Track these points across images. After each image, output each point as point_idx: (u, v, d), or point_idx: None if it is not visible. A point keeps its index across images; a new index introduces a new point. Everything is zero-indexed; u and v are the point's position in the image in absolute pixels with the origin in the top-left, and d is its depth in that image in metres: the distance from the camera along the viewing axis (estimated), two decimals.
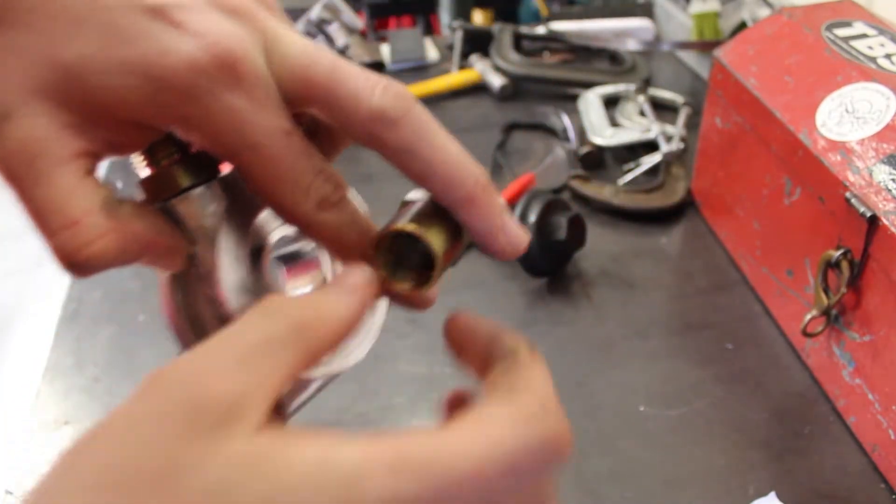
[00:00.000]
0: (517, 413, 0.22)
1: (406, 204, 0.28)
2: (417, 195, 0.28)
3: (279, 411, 0.23)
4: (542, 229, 0.73)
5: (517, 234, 0.28)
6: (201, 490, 0.18)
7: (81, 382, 0.68)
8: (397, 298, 0.28)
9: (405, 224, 0.26)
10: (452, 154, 0.26)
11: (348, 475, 0.19)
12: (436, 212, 0.27)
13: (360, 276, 0.25)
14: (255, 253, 0.29)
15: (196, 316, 0.27)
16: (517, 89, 1.08)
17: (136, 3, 0.23)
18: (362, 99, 0.24)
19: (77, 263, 0.24)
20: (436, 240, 0.26)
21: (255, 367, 0.21)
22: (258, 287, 0.28)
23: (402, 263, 0.27)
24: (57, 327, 0.74)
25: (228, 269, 0.27)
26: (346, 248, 0.27)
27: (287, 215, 0.26)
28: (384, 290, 0.26)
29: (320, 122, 0.27)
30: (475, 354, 0.26)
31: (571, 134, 0.96)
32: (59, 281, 0.75)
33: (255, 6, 0.25)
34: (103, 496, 0.18)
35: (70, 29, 0.22)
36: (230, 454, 0.19)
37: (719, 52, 0.74)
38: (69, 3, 0.22)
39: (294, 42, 0.25)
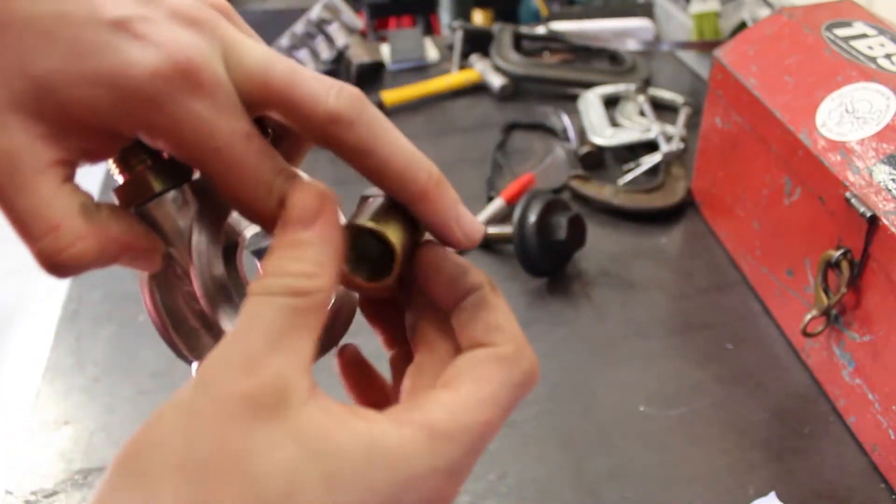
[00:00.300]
0: (502, 361, 0.26)
1: (365, 199, 0.29)
2: (375, 190, 0.29)
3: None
4: (542, 229, 0.73)
5: (472, 225, 0.29)
6: (271, 471, 0.21)
7: (81, 382, 0.68)
8: (360, 290, 0.29)
9: (364, 221, 0.27)
10: (406, 151, 0.27)
11: (396, 453, 0.23)
12: (393, 207, 0.28)
13: (313, 200, 0.26)
14: (230, 250, 0.31)
15: (176, 312, 0.29)
16: (517, 89, 1.08)
17: (99, 17, 0.24)
18: (319, 101, 0.26)
19: (58, 265, 0.25)
20: (394, 235, 0.27)
21: (288, 346, 0.23)
22: (235, 282, 0.30)
23: (364, 258, 0.28)
24: (57, 327, 0.74)
25: (204, 267, 0.28)
26: None
27: (251, 214, 0.27)
28: (346, 283, 0.28)
29: (285, 127, 0.28)
30: (441, 285, 0.28)
31: (571, 134, 0.96)
32: (59, 281, 0.75)
33: (215, 16, 0.26)
34: (186, 485, 0.20)
35: (38, 44, 0.23)
36: (289, 434, 0.22)
37: (719, 52, 0.74)
38: (36, 18, 0.23)
39: (252, 49, 0.26)
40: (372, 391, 0.33)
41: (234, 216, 0.31)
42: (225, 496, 0.20)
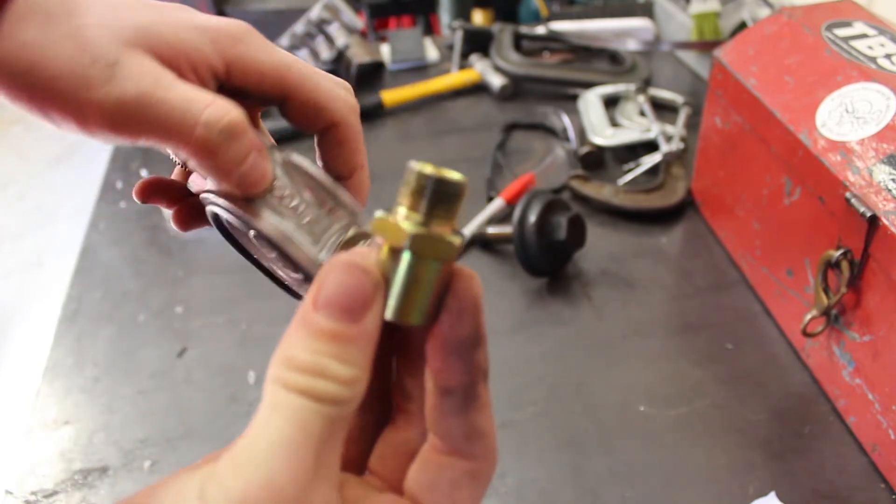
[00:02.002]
0: (478, 479, 0.26)
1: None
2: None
3: None
4: (542, 229, 0.73)
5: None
6: None
7: (81, 382, 0.68)
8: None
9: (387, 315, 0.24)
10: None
11: None
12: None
13: (367, 286, 0.22)
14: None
15: (282, 234, 0.30)
16: (517, 89, 1.09)
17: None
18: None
19: (226, 128, 0.28)
20: (418, 314, 0.24)
21: (329, 471, 0.21)
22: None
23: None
24: (57, 327, 0.74)
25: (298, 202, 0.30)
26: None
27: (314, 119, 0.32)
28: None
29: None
30: (448, 334, 0.25)
31: (571, 134, 0.96)
32: (59, 281, 0.75)
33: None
34: None
35: (129, 7, 0.29)
36: None
37: (719, 52, 0.74)
38: None
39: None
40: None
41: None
42: None
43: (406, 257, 0.23)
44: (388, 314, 0.23)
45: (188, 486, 0.20)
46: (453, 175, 0.23)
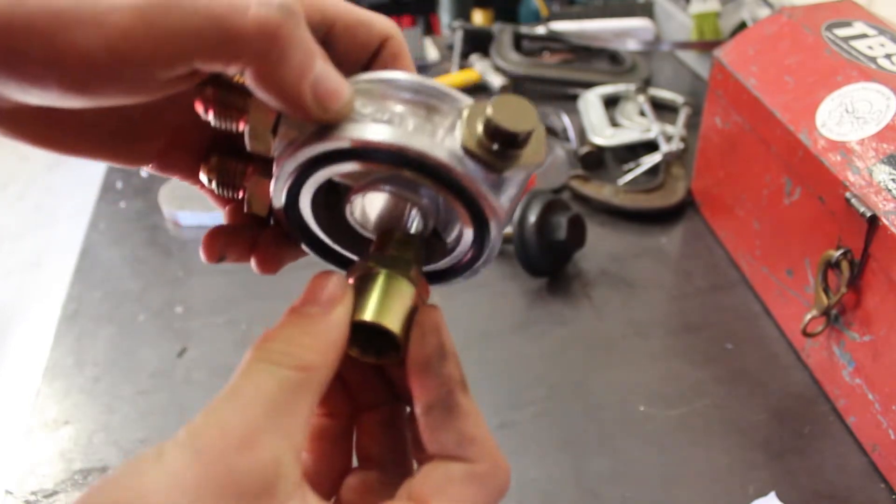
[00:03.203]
0: (477, 480, 0.26)
1: (382, 237, 0.30)
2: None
3: None
4: (542, 229, 0.73)
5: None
6: None
7: (81, 382, 0.68)
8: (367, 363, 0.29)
9: (367, 316, 0.27)
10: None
11: None
12: (394, 276, 0.28)
13: (336, 288, 0.27)
14: None
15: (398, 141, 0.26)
16: (517, 89, 1.08)
17: None
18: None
19: (282, 5, 0.23)
20: (397, 322, 0.27)
21: (286, 426, 0.23)
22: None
23: (365, 331, 0.28)
24: (57, 327, 0.74)
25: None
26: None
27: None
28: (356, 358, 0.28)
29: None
30: (414, 355, 0.27)
31: (571, 134, 0.96)
32: (59, 281, 0.75)
33: None
34: None
35: None
36: None
37: (719, 52, 0.74)
38: None
39: None
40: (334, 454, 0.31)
41: None
42: None
43: (380, 271, 0.28)
44: (368, 315, 0.27)
45: (175, 445, 0.22)
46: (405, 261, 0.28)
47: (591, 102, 1.01)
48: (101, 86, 0.22)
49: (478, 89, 1.10)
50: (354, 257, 0.32)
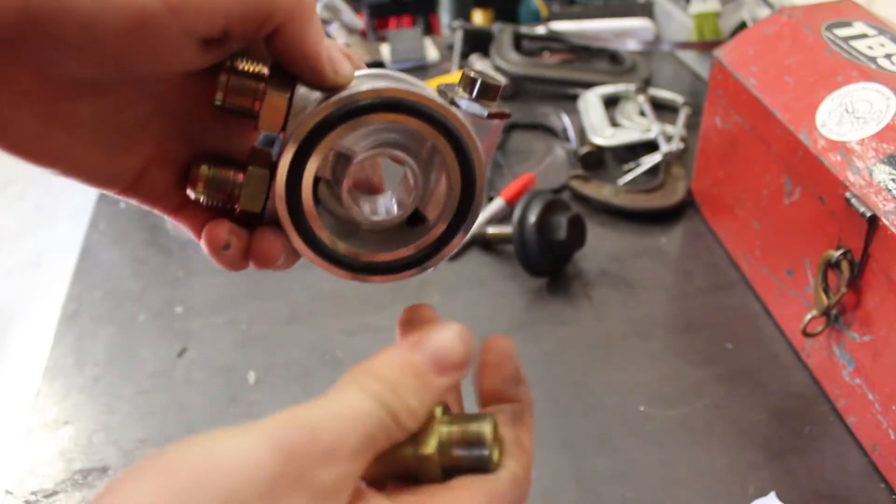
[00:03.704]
0: (515, 482, 0.28)
1: None
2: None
3: None
4: (542, 229, 0.73)
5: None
6: None
7: (81, 382, 0.68)
8: None
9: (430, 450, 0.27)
10: None
11: None
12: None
13: (460, 350, 0.27)
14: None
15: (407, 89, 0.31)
16: (517, 89, 1.08)
17: None
18: None
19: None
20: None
21: (361, 459, 0.24)
22: None
23: None
24: (57, 327, 0.74)
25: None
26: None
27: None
28: None
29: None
30: (492, 378, 0.31)
31: (571, 134, 0.96)
32: (59, 281, 0.75)
33: None
34: None
35: None
36: None
37: (719, 52, 0.74)
38: None
39: None
40: None
41: None
42: None
43: None
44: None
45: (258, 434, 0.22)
46: None
47: (591, 102, 1.01)
48: (148, 44, 0.25)
49: None
50: (345, 251, 0.32)
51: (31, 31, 0.24)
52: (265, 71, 0.29)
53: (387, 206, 0.34)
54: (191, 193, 0.31)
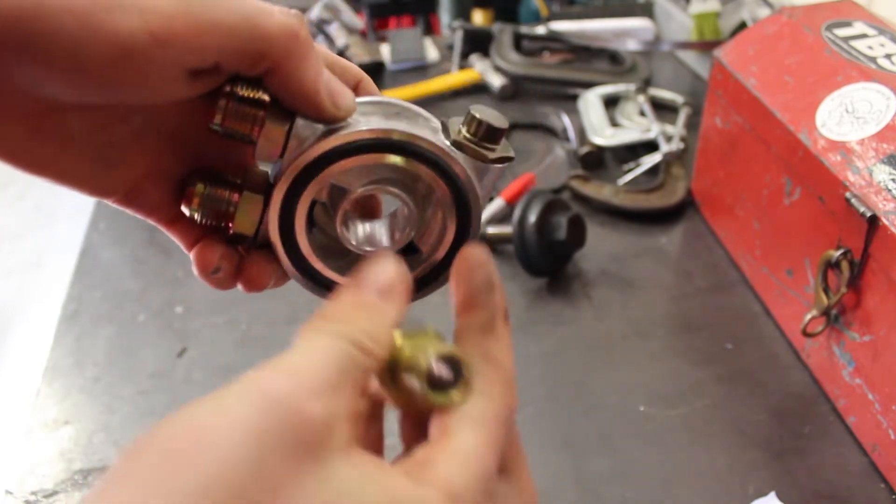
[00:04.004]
0: (494, 399, 0.27)
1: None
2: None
3: None
4: (542, 229, 0.73)
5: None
6: None
7: (81, 382, 0.68)
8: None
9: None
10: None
11: None
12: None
13: (396, 275, 0.28)
14: None
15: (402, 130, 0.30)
16: (517, 89, 1.08)
17: None
18: None
19: (299, 16, 0.27)
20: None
21: (342, 392, 0.23)
22: None
23: None
24: (57, 327, 0.74)
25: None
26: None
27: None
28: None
29: None
30: (464, 287, 0.29)
31: (571, 134, 0.96)
32: (59, 281, 0.75)
33: None
34: (207, 497, 0.19)
35: None
36: (323, 479, 0.21)
37: (719, 52, 0.74)
38: None
39: None
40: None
41: None
42: None
43: None
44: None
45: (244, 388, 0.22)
46: None
47: (591, 102, 1.01)
48: (133, 74, 0.24)
49: (478, 89, 1.10)
50: (337, 278, 0.32)
51: (16, 52, 0.23)
52: (265, 98, 0.29)
53: (380, 237, 0.34)
54: (185, 210, 0.31)
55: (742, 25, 1.03)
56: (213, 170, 0.31)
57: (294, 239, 0.31)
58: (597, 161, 0.91)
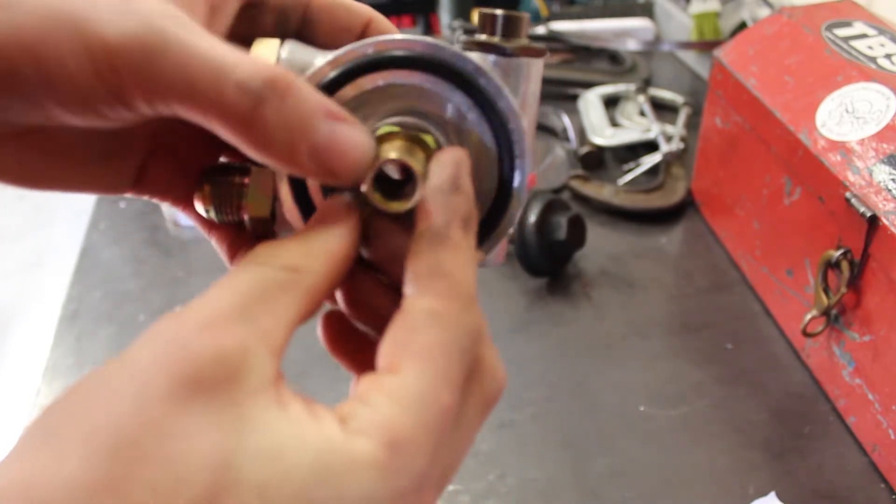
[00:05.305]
0: (442, 322, 0.22)
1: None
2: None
3: None
4: (542, 229, 0.73)
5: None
6: (198, 462, 0.18)
7: None
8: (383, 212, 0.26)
9: (390, 155, 0.25)
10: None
11: (351, 476, 0.19)
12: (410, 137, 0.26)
13: (342, 204, 0.25)
14: None
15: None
16: None
17: None
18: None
19: (267, 80, 0.22)
20: (417, 163, 0.25)
21: (260, 320, 0.20)
22: None
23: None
24: (57, 327, 0.74)
25: None
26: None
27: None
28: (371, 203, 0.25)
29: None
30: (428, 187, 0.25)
31: (571, 134, 0.96)
32: (58, 281, 0.74)
33: None
34: (89, 461, 0.17)
35: None
36: (231, 420, 0.18)
37: (719, 52, 0.74)
38: None
39: None
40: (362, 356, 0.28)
41: None
42: (135, 479, 0.17)
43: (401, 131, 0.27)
44: (392, 154, 0.25)
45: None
46: None
47: (591, 102, 1.01)
48: (97, 107, 0.22)
49: None
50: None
51: None
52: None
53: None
54: (202, 212, 0.29)
55: (742, 25, 1.03)
56: (219, 165, 0.29)
57: (314, 207, 0.28)
58: (597, 161, 0.91)
